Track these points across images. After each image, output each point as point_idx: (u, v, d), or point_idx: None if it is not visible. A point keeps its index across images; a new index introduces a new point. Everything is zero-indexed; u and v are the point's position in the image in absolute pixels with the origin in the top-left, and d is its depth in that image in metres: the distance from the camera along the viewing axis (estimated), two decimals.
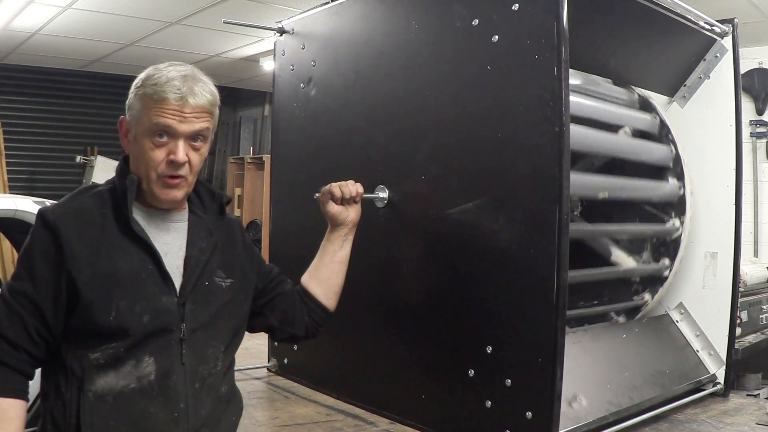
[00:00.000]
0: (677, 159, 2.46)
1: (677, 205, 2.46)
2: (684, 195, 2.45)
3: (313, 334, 1.77)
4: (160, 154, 1.35)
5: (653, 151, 2.45)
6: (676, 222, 2.45)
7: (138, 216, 1.39)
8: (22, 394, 1.33)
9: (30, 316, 1.32)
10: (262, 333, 1.75)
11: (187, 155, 1.36)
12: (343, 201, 1.81)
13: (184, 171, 1.37)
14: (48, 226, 1.33)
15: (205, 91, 1.38)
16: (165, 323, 1.36)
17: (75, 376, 1.31)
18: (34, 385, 1.38)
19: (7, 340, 1.32)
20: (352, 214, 1.83)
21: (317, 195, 1.83)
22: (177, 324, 1.37)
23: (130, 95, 1.39)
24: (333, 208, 1.80)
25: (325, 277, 1.77)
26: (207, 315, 1.42)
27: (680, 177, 2.45)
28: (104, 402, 1.31)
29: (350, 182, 1.84)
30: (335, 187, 1.81)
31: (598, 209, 2.53)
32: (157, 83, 1.34)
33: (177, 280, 1.39)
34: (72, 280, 1.30)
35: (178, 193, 1.39)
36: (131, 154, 1.41)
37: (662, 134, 2.48)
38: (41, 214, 1.36)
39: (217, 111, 1.43)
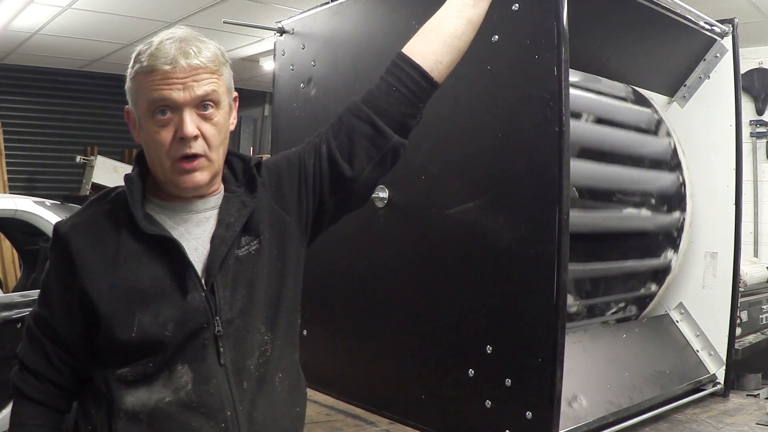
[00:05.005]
0: (675, 153, 2.46)
1: (677, 198, 2.46)
2: (684, 186, 2.45)
3: (411, 123, 1.33)
4: (167, 135, 1.14)
5: (650, 145, 2.46)
6: (677, 213, 2.45)
7: (160, 213, 1.21)
8: (46, 430, 1.22)
9: (51, 342, 1.22)
10: None
11: (198, 128, 1.14)
12: None
13: (198, 148, 1.15)
14: (60, 239, 1.20)
15: (203, 49, 1.16)
16: (194, 325, 1.16)
17: (103, 396, 1.17)
18: None
19: (30, 372, 1.23)
20: None
21: None
22: (209, 319, 1.17)
23: (127, 79, 1.19)
24: None
25: (437, 31, 1.32)
26: (240, 296, 1.20)
27: (679, 170, 2.46)
28: (138, 422, 1.15)
29: None
30: None
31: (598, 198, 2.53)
32: (149, 53, 1.14)
33: (198, 272, 1.19)
34: (86, 295, 1.16)
35: (201, 177, 1.17)
36: (143, 145, 1.21)
37: (660, 131, 2.49)
38: (55, 228, 1.23)
39: (226, 71, 1.21)
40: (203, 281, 1.18)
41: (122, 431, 1.15)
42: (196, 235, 1.21)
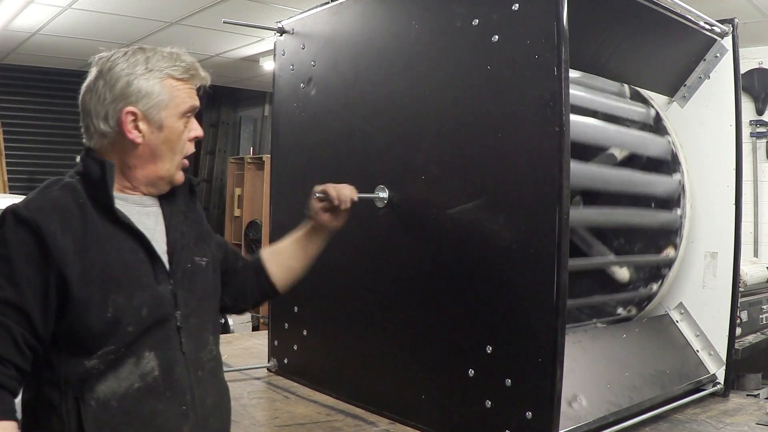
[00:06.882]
0: (674, 153, 2.46)
1: (676, 197, 2.45)
2: (683, 186, 2.44)
3: (254, 307, 1.78)
4: (188, 136, 1.38)
5: (650, 143, 2.45)
6: (678, 211, 2.44)
7: (117, 203, 1.31)
8: (11, 415, 1.20)
9: (17, 325, 1.20)
10: (262, 333, 1.76)
11: None
12: (335, 208, 1.72)
13: None
14: (25, 223, 1.21)
15: None
16: (163, 313, 1.30)
17: (70, 386, 1.23)
18: None
19: None
20: (340, 221, 1.75)
21: (317, 194, 1.75)
22: (173, 312, 1.32)
23: (138, 80, 1.31)
24: (324, 216, 1.72)
25: (292, 267, 1.72)
26: (196, 299, 1.38)
27: (678, 169, 2.45)
28: (108, 408, 1.23)
29: (346, 187, 1.75)
30: (331, 189, 1.72)
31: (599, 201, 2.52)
32: (182, 64, 1.35)
33: (166, 266, 1.35)
34: (63, 278, 1.21)
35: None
36: (146, 144, 1.33)
37: (659, 129, 2.49)
38: (13, 212, 1.23)
39: None
40: (170, 278, 1.34)
41: (93, 418, 1.22)
42: (147, 227, 1.35)
